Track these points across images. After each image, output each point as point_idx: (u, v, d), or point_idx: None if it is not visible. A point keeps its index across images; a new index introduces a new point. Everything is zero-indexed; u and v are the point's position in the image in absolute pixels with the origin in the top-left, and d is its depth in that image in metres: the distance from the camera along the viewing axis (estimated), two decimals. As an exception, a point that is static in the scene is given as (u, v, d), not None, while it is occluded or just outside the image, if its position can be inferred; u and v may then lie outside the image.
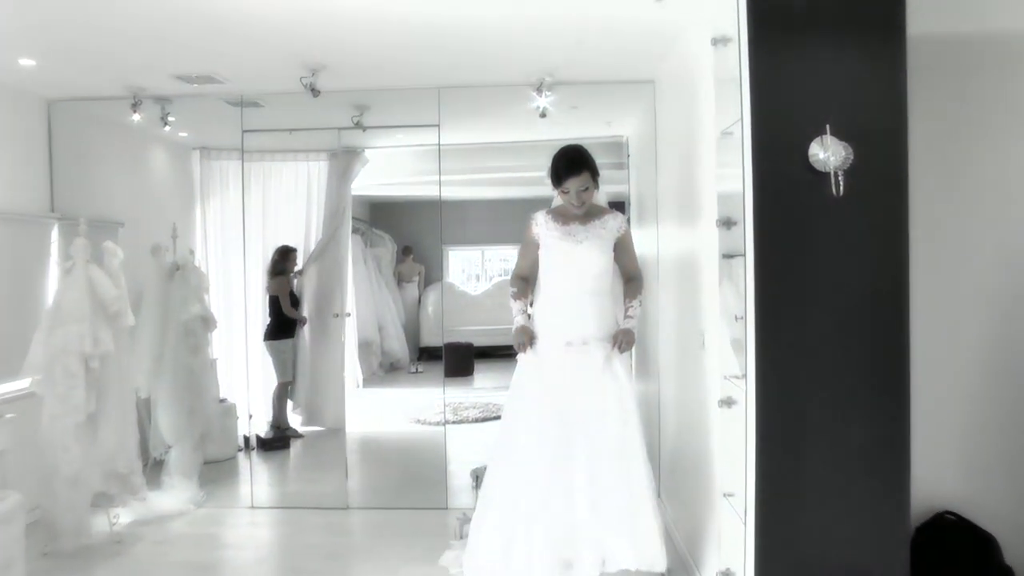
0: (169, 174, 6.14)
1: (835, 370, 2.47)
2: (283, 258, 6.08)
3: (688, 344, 3.97)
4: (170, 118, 5.33)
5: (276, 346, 6.12)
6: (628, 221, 4.09)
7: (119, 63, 4.53)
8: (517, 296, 3.62)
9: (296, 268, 6.12)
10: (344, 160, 6.08)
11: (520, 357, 3.60)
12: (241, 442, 6.11)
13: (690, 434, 4.01)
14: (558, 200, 3.69)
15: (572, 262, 3.54)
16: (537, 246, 3.62)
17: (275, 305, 6.09)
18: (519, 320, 3.58)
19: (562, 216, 3.62)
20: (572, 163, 3.54)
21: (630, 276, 3.72)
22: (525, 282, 3.68)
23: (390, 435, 7.12)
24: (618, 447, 3.47)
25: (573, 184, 3.53)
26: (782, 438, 2.51)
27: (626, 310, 3.64)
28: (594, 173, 3.61)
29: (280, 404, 6.21)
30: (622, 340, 3.54)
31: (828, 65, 2.49)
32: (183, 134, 5.85)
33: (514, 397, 3.61)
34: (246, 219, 5.66)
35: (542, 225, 3.62)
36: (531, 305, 3.74)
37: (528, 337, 3.56)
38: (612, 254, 3.64)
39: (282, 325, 6.12)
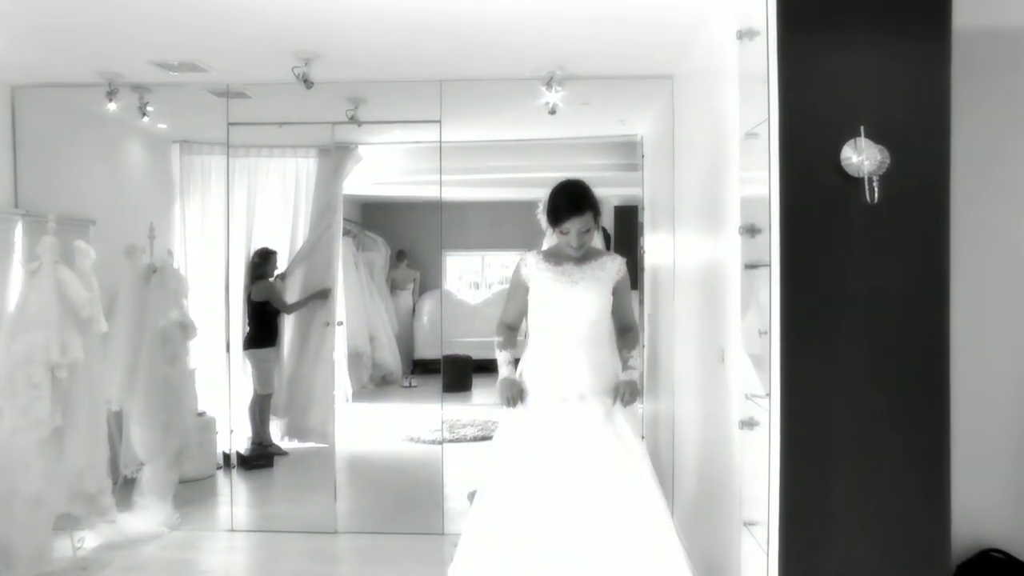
0: (146, 169, 6.14)
1: (868, 390, 2.46)
2: (263, 261, 6.08)
3: (707, 360, 3.96)
4: (149, 108, 5.32)
5: (258, 355, 6.11)
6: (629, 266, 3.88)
7: (93, 47, 4.52)
8: (503, 346, 3.49)
9: (276, 271, 6.11)
10: (336, 157, 6.08)
11: (506, 414, 3.41)
12: (220, 459, 6.09)
13: (708, 457, 3.99)
14: (550, 240, 3.55)
15: (567, 306, 3.36)
16: (526, 290, 3.46)
17: (257, 312, 6.09)
18: (505, 372, 3.44)
19: (555, 257, 3.47)
20: (574, 201, 3.36)
21: (625, 326, 3.54)
22: (512, 331, 3.56)
23: (382, 454, 7.10)
24: (632, 520, 3.20)
25: (574, 225, 3.35)
26: (808, 464, 2.50)
27: (625, 361, 3.46)
28: (597, 213, 3.45)
29: (262, 418, 6.21)
30: (625, 392, 3.34)
31: (864, 61, 2.49)
32: (162, 126, 5.86)
33: (500, 463, 3.38)
34: (230, 219, 5.66)
35: (532, 267, 3.44)
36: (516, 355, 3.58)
37: (517, 391, 3.38)
38: (611, 298, 3.45)
39: (264, 333, 6.11)
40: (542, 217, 3.45)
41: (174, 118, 5.76)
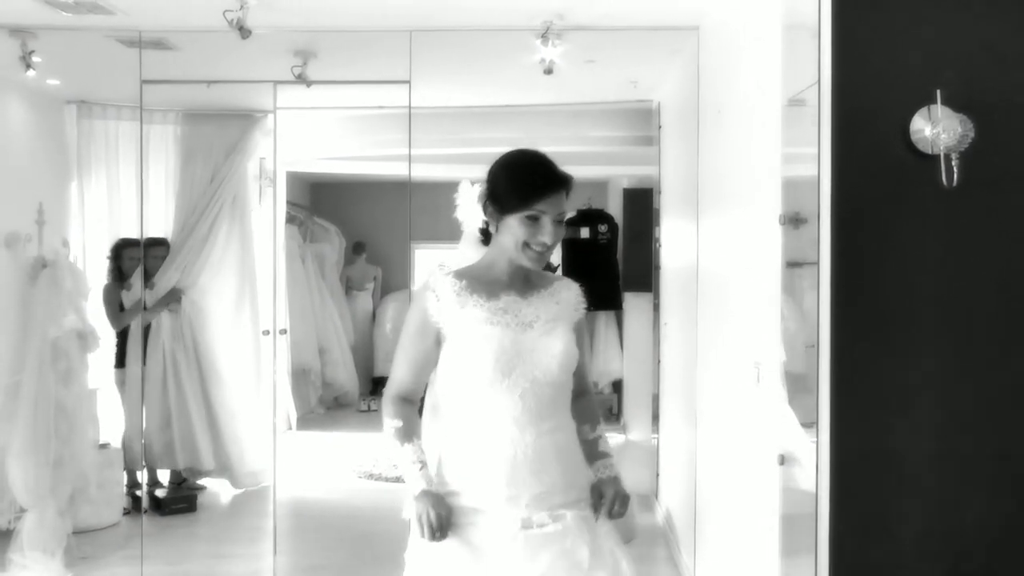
0: (32, 136, 6.07)
1: (949, 421, 2.45)
2: (115, 256, 6.06)
3: (738, 379, 3.96)
4: (34, 59, 5.24)
5: (115, 378, 6.11)
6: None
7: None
8: (405, 435, 2.74)
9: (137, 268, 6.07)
10: (237, 127, 6.11)
11: (424, 551, 2.71)
12: (128, 503, 6.05)
13: (739, 501, 3.99)
14: (471, 248, 2.88)
15: (517, 363, 2.68)
16: (437, 339, 2.75)
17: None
18: (415, 481, 2.68)
19: (483, 282, 2.75)
20: (552, 171, 2.73)
21: (582, 390, 2.94)
22: (412, 407, 2.84)
23: (333, 493, 7.07)
24: None
25: (552, 208, 2.68)
26: (868, 513, 2.48)
27: (593, 444, 2.87)
28: (568, 192, 2.79)
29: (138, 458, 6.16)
30: (614, 500, 2.76)
31: (942, 10, 2.49)
32: (53, 82, 5.79)
33: None
34: (144, 200, 5.62)
35: (449, 300, 2.71)
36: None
37: (446, 514, 2.64)
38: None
39: (118, 350, 6.11)
40: (474, 206, 2.75)
41: (69, 72, 5.71)
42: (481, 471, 2.68)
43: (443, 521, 2.62)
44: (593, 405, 2.97)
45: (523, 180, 2.71)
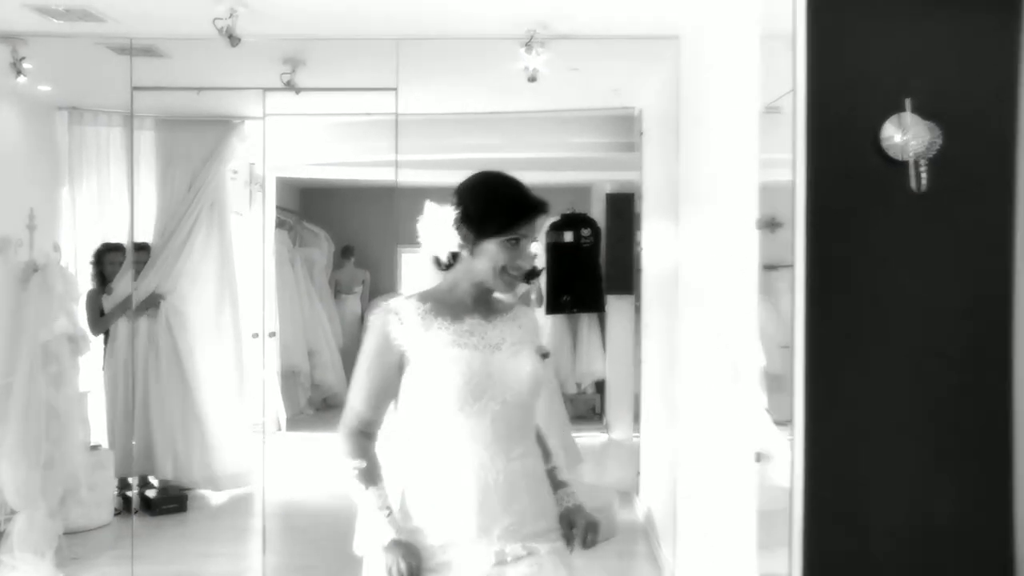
0: (23, 141, 6.04)
1: (913, 419, 2.47)
2: (97, 261, 6.05)
3: (716, 379, 3.97)
4: (25, 65, 5.20)
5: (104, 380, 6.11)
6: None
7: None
8: (370, 477, 2.57)
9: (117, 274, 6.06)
10: (215, 133, 6.10)
11: None
12: (119, 504, 6.03)
13: (718, 497, 4.00)
14: (430, 274, 2.74)
15: (487, 386, 2.56)
16: (400, 364, 2.60)
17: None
18: (383, 530, 2.52)
19: (446, 305, 2.63)
20: (533, 197, 2.65)
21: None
22: (373, 442, 2.65)
23: (322, 493, 7.05)
24: None
25: (531, 232, 2.62)
26: (839, 507, 2.50)
27: (552, 473, 2.74)
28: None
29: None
30: (586, 530, 2.65)
31: (912, 20, 2.51)
32: (44, 88, 5.77)
33: None
34: (135, 205, 5.61)
35: (413, 323, 2.58)
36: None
37: (411, 565, 2.48)
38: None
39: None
40: (443, 229, 2.60)
41: (60, 79, 5.69)
42: (450, 502, 2.54)
43: (414, 571, 2.47)
44: (543, 435, 2.82)
45: (506, 204, 2.62)
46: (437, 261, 2.67)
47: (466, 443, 2.55)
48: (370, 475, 2.57)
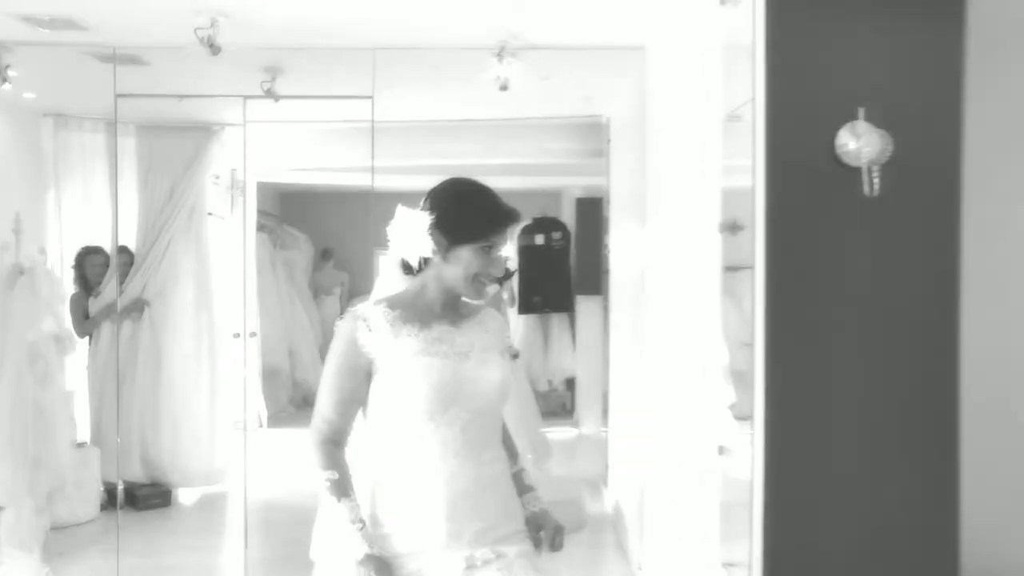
0: (9, 147, 5.96)
1: (867, 411, 2.49)
2: (78, 264, 6.00)
3: (682, 376, 3.97)
4: (10, 72, 5.13)
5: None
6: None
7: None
8: (340, 488, 2.46)
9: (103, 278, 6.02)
10: (194, 140, 6.07)
11: None
12: (104, 499, 5.98)
13: (683, 489, 4.01)
14: (397, 277, 2.64)
15: (458, 394, 2.49)
16: (368, 371, 2.51)
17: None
18: (357, 544, 2.41)
19: (414, 312, 2.54)
20: (507, 206, 2.57)
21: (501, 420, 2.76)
22: (343, 452, 2.55)
23: (303, 487, 7.01)
24: None
25: (504, 239, 2.55)
26: (797, 497, 2.51)
27: (519, 476, 2.67)
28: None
29: None
30: (553, 533, 2.59)
31: (865, 33, 2.53)
32: (29, 95, 5.70)
33: None
34: (118, 210, 5.56)
35: (382, 329, 2.48)
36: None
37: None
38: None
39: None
40: (416, 233, 2.50)
41: (45, 86, 5.62)
42: (420, 510, 2.46)
43: None
44: (511, 437, 2.74)
45: (483, 212, 2.55)
46: (405, 265, 2.57)
47: (436, 451, 2.47)
48: (342, 487, 2.47)
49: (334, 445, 2.52)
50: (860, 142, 2.49)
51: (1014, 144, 3.20)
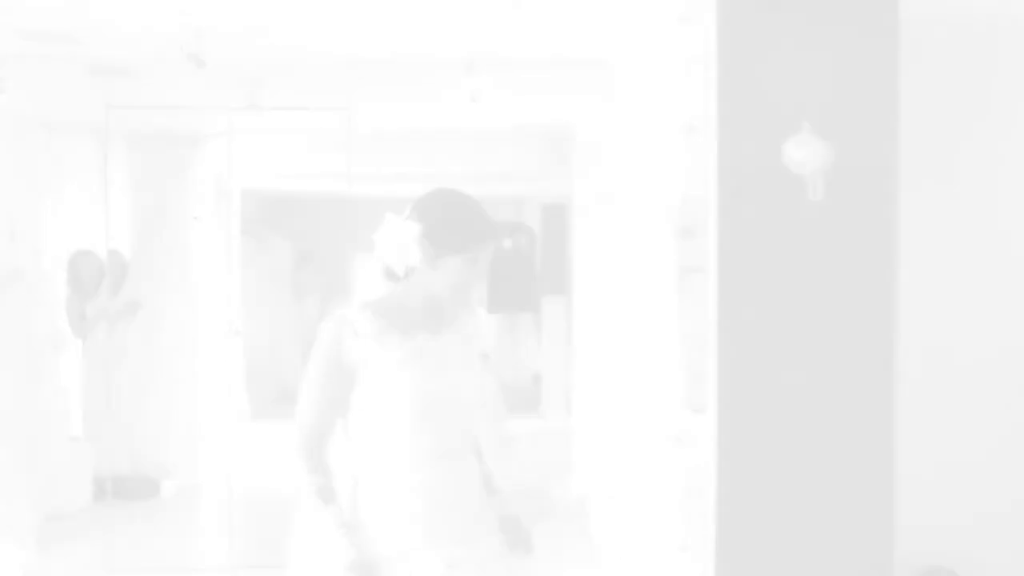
0: (3, 156, 5.93)
1: (811, 403, 2.53)
2: (69, 267, 5.98)
3: (641, 372, 4.01)
4: (4, 84, 5.14)
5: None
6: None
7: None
8: (324, 492, 2.38)
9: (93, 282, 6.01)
10: (183, 149, 6.08)
11: None
12: (96, 490, 5.95)
13: (644, 478, 4.04)
14: (381, 285, 2.56)
15: (438, 405, 2.44)
16: (351, 374, 2.43)
17: None
18: (344, 549, 2.34)
19: (397, 319, 2.46)
20: (492, 220, 2.51)
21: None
22: (324, 454, 2.47)
23: (287, 478, 6.99)
24: None
25: (488, 251, 2.50)
26: (746, 484, 2.56)
27: (487, 478, 2.62)
28: None
29: None
30: (522, 534, 2.60)
31: (809, 51, 2.58)
32: (23, 105, 5.65)
33: None
34: (110, 216, 5.54)
35: (367, 335, 2.41)
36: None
37: None
38: None
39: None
40: (406, 241, 2.42)
41: (38, 97, 5.59)
42: (399, 515, 2.40)
43: None
44: (478, 439, 2.66)
45: (473, 223, 2.46)
46: (390, 272, 2.48)
47: (415, 458, 2.42)
48: (327, 492, 2.39)
49: (317, 448, 2.45)
50: (805, 152, 2.53)
51: (948, 149, 3.27)
